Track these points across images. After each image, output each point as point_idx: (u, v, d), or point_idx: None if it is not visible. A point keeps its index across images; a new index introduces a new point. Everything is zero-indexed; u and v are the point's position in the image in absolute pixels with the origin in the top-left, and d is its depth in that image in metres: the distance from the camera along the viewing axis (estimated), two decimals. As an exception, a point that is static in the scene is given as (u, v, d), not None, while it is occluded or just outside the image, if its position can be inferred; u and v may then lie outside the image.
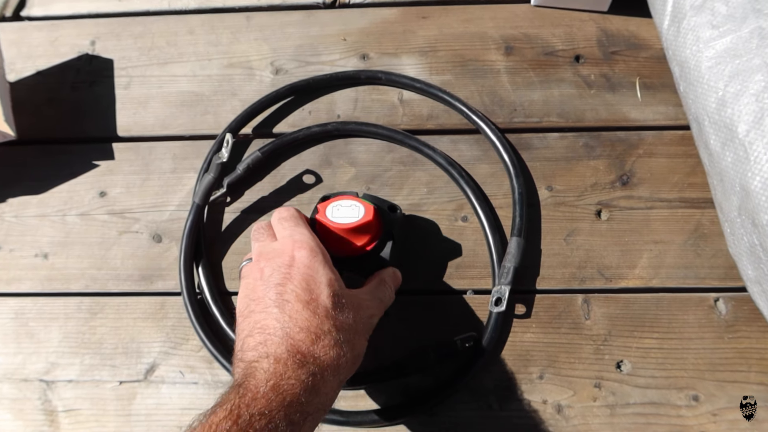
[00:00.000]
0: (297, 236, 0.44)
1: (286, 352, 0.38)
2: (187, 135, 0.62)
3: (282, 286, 0.41)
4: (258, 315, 0.41)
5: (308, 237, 0.45)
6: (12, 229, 0.59)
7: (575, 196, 0.57)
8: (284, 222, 0.47)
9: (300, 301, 0.40)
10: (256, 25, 0.67)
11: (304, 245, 0.43)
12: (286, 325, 0.39)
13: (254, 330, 0.40)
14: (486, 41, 0.65)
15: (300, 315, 0.40)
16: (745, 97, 0.49)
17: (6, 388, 0.54)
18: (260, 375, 0.37)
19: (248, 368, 0.38)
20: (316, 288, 0.41)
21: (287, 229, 0.46)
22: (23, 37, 0.68)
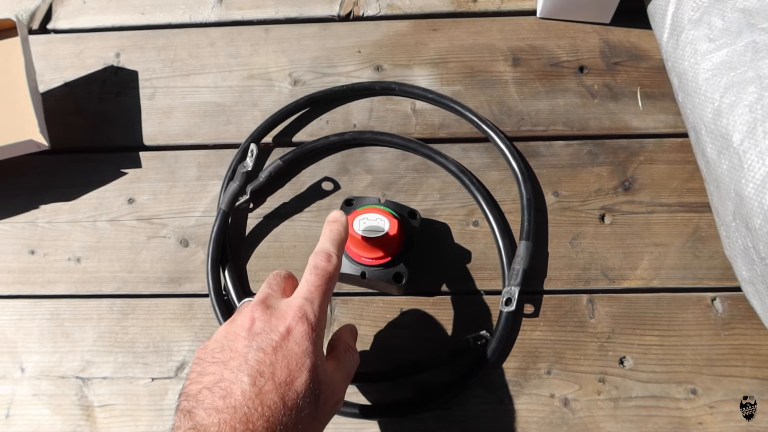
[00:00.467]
0: (307, 307, 0.42)
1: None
2: (210, 144, 0.65)
3: (264, 354, 0.39)
4: (227, 373, 0.39)
5: (315, 311, 0.42)
6: (46, 235, 0.63)
7: (580, 202, 0.61)
8: (314, 275, 0.44)
9: (274, 382, 0.38)
10: (274, 37, 0.70)
11: (306, 321, 0.41)
12: (250, 406, 0.37)
13: (216, 387, 0.38)
14: (494, 53, 0.68)
15: (268, 397, 0.37)
16: (739, 108, 0.53)
17: (44, 384, 0.57)
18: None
19: (196, 427, 0.37)
20: (296, 371, 0.39)
21: (305, 290, 0.43)
22: (51, 49, 0.71)
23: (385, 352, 0.56)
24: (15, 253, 0.62)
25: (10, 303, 0.60)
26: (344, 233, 0.47)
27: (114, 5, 0.73)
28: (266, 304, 0.42)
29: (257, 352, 0.39)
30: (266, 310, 0.42)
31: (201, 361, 0.41)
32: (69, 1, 0.74)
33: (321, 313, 0.42)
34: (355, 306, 0.58)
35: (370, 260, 0.54)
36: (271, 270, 0.60)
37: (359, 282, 0.56)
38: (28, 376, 0.57)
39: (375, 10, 0.71)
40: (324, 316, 0.43)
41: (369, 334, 0.57)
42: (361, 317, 0.57)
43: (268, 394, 0.38)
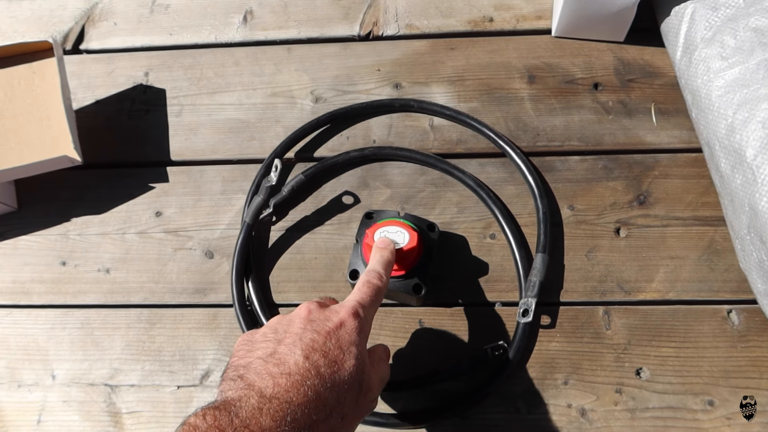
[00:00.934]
0: (358, 308, 0.45)
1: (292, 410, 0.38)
2: (235, 159, 0.68)
3: (318, 336, 0.42)
4: (281, 347, 0.41)
5: (366, 313, 0.45)
6: (76, 247, 0.65)
7: (595, 215, 0.62)
8: (366, 286, 0.47)
9: (326, 359, 0.41)
10: (296, 57, 0.73)
11: (357, 317, 0.44)
12: (303, 374, 0.39)
13: (269, 357, 0.40)
14: (510, 71, 0.69)
15: (319, 372, 0.40)
16: (752, 124, 0.54)
17: (74, 391, 0.59)
18: (259, 414, 0.37)
19: (251, 386, 0.38)
20: (347, 356, 0.42)
21: (357, 296, 0.46)
22: (83, 69, 0.74)
23: (405, 361, 0.57)
24: (47, 264, 0.64)
25: (43, 312, 0.62)
26: (392, 259, 0.51)
27: (143, 27, 0.76)
28: (321, 304, 0.46)
29: (312, 333, 0.42)
30: (321, 307, 0.45)
31: (249, 342, 0.43)
32: (101, 23, 0.77)
33: (369, 316, 0.46)
34: (375, 316, 0.59)
35: (391, 272, 0.55)
36: (293, 281, 0.61)
37: (379, 293, 0.57)
38: (59, 383, 0.59)
39: (394, 30, 0.73)
40: (370, 321, 0.46)
41: (388, 344, 0.58)
42: (381, 327, 0.59)
43: (320, 369, 0.40)
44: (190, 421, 0.36)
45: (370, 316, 0.46)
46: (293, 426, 0.37)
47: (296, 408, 0.38)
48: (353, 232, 0.62)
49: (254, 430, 0.36)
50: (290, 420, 0.37)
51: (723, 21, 0.60)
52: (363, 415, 0.45)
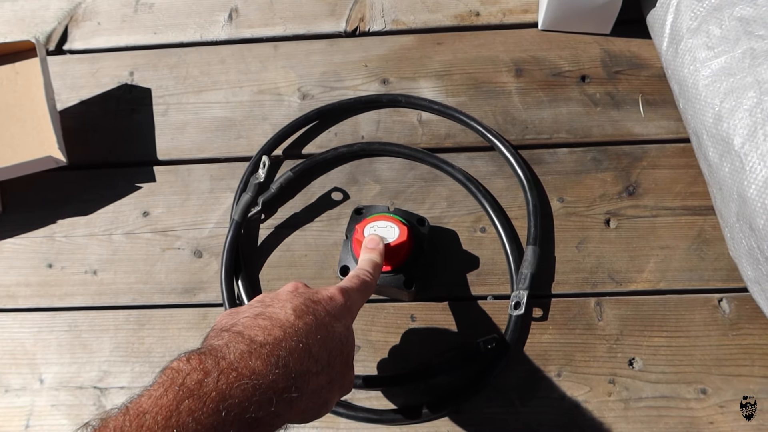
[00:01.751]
0: (346, 291, 0.44)
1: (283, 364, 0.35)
2: (222, 157, 0.67)
3: (307, 301, 0.40)
4: (269, 309, 0.39)
5: (353, 297, 0.44)
6: (63, 249, 0.64)
7: (585, 207, 0.62)
8: (353, 278, 0.46)
9: (316, 319, 0.39)
10: (282, 54, 0.72)
11: (345, 296, 0.43)
12: (295, 328, 0.37)
13: (258, 317, 0.38)
14: (497, 64, 0.69)
15: (311, 329, 0.38)
16: (739, 113, 0.54)
17: (63, 395, 0.58)
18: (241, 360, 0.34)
19: (241, 333, 0.36)
20: (336, 321, 0.41)
21: (344, 282, 0.45)
22: (67, 69, 0.73)
23: (397, 356, 0.57)
24: (33, 267, 0.64)
25: (29, 316, 0.62)
26: (381, 260, 0.50)
27: (127, 26, 0.75)
28: (307, 285, 0.45)
29: (301, 299, 0.40)
30: (308, 286, 0.44)
31: (234, 312, 0.40)
32: (84, 23, 0.76)
33: (356, 302, 0.44)
34: (366, 312, 0.59)
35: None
36: (283, 279, 0.61)
37: (370, 289, 0.57)
38: (47, 387, 0.58)
39: (380, 26, 0.73)
40: (357, 307, 0.45)
41: (380, 339, 0.58)
42: (373, 323, 0.58)
43: (310, 328, 0.38)
44: (173, 365, 0.33)
45: (357, 302, 0.45)
46: (285, 371, 0.34)
47: (289, 355, 0.35)
48: (343, 228, 0.61)
49: (243, 373, 0.33)
50: (282, 365, 0.34)
51: (708, 11, 0.60)
52: (345, 391, 0.43)
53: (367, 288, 0.47)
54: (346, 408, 0.55)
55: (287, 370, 0.35)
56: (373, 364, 0.57)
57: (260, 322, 0.37)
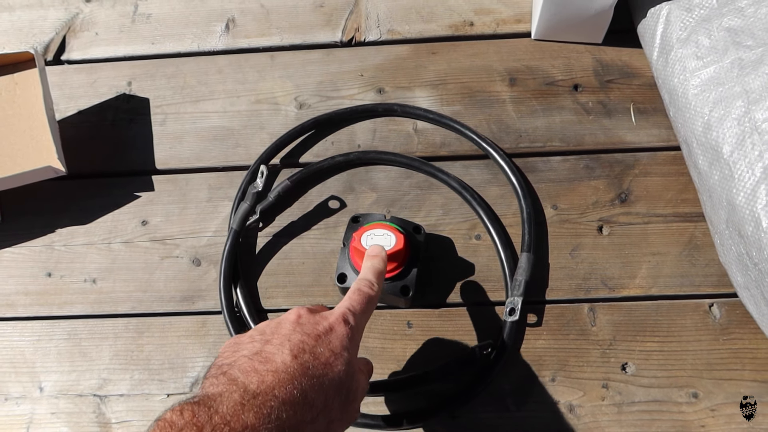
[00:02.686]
0: (349, 315, 0.44)
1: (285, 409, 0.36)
2: (220, 167, 0.68)
3: (307, 338, 0.41)
4: (269, 347, 0.40)
5: (356, 320, 0.44)
6: (62, 257, 0.65)
7: (578, 214, 0.63)
8: (356, 294, 0.46)
9: (315, 360, 0.40)
10: (279, 63, 0.73)
11: (347, 324, 0.43)
12: (290, 372, 0.38)
13: (255, 355, 0.39)
14: (491, 74, 0.70)
15: (308, 372, 0.39)
16: (728, 121, 0.55)
17: (63, 403, 0.58)
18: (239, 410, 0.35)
19: (234, 381, 0.37)
20: (336, 359, 0.41)
21: (347, 303, 0.45)
22: (65, 79, 0.74)
23: (394, 363, 0.58)
24: (32, 275, 0.64)
25: (29, 324, 0.62)
26: (384, 267, 0.50)
27: (125, 36, 0.76)
28: (311, 309, 0.45)
29: (301, 335, 0.41)
30: (311, 312, 0.44)
31: (236, 344, 0.41)
32: (82, 33, 0.77)
33: (360, 324, 0.45)
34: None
35: None
36: (281, 286, 0.62)
37: (367, 296, 0.58)
38: (46, 395, 0.59)
39: (376, 36, 0.74)
40: (361, 329, 0.45)
41: (377, 346, 0.58)
42: (370, 330, 0.59)
43: (308, 369, 0.39)
44: (166, 417, 0.33)
45: (361, 323, 0.45)
46: (278, 425, 0.35)
47: (282, 406, 0.36)
48: (340, 236, 0.62)
49: (235, 428, 0.33)
50: (275, 418, 0.35)
51: (697, 21, 0.61)
52: (348, 424, 0.43)
53: (370, 303, 0.47)
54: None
55: (280, 423, 0.35)
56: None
57: (256, 365, 0.38)
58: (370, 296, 0.47)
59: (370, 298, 0.47)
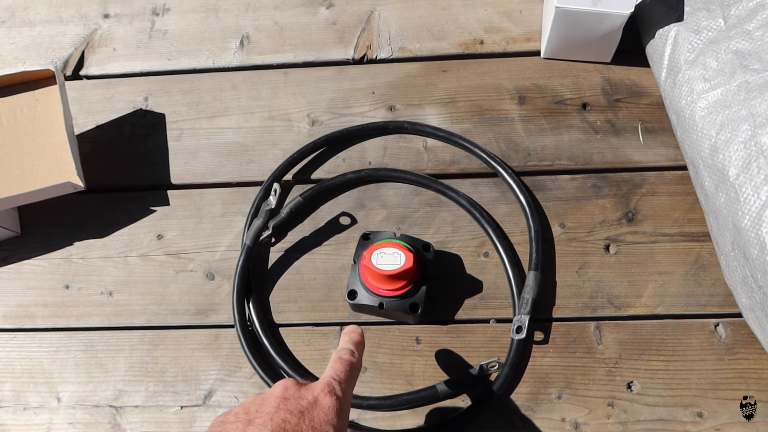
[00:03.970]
0: (335, 384, 0.44)
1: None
2: (234, 182, 0.69)
3: (290, 415, 0.41)
4: (251, 428, 0.40)
5: (342, 390, 0.44)
6: (80, 270, 0.66)
7: (586, 232, 0.64)
8: (338, 363, 0.47)
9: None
10: (292, 80, 0.74)
11: (333, 395, 0.43)
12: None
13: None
14: (501, 92, 0.71)
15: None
16: (734, 144, 0.56)
17: (79, 413, 0.60)
18: None
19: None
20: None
21: (331, 372, 0.46)
22: (83, 94, 0.76)
23: (402, 378, 0.59)
24: (51, 288, 0.66)
25: (47, 335, 0.64)
26: (362, 339, 0.51)
27: (142, 52, 0.78)
28: (297, 382, 0.45)
29: (285, 413, 0.41)
30: (298, 384, 0.44)
31: (221, 423, 0.42)
32: (100, 49, 0.79)
33: (347, 392, 0.45)
34: (373, 335, 0.61)
35: (388, 291, 0.57)
36: (293, 301, 0.63)
37: (377, 312, 0.59)
38: (64, 405, 0.60)
39: (387, 53, 0.75)
40: (349, 397, 0.45)
41: (386, 361, 0.60)
42: (379, 345, 0.60)
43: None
44: None
45: (348, 392, 0.45)
46: None
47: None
48: (351, 252, 0.63)
49: None
50: None
51: (705, 44, 0.62)
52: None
53: (353, 370, 0.47)
54: (352, 428, 0.56)
55: None
56: (379, 385, 0.59)
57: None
58: (353, 363, 0.47)
59: (353, 365, 0.47)
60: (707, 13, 0.63)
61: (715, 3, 0.63)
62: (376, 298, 0.57)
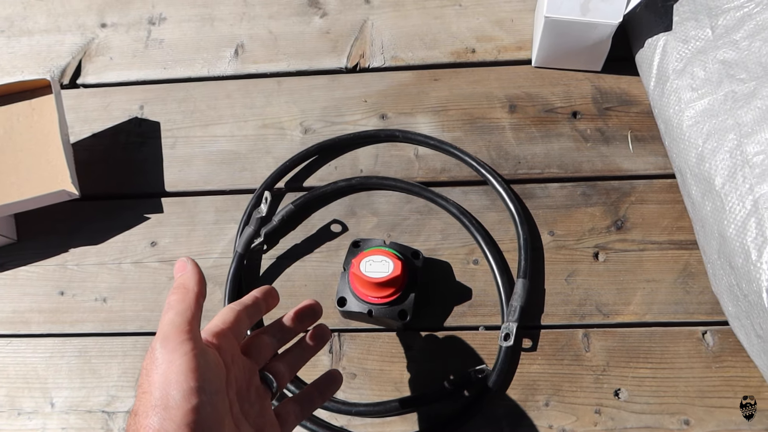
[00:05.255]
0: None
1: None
2: (227, 190, 0.70)
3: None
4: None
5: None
6: (74, 277, 0.67)
7: (575, 240, 0.64)
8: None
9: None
10: (286, 89, 0.75)
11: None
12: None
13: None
14: (492, 100, 0.72)
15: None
16: (720, 154, 0.56)
17: (72, 419, 0.61)
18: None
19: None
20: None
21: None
22: (80, 102, 0.77)
23: (391, 385, 0.59)
24: (46, 294, 0.67)
25: (42, 341, 0.65)
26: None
27: (138, 61, 0.79)
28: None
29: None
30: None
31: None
32: (97, 58, 0.79)
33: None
34: (362, 342, 0.61)
35: (377, 299, 0.57)
36: (283, 308, 0.63)
37: (367, 319, 0.60)
38: (57, 410, 0.61)
39: (380, 62, 0.76)
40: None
41: (376, 368, 0.60)
42: (369, 352, 0.61)
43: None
44: None
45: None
46: None
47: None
48: (341, 259, 0.64)
49: None
50: None
51: (693, 53, 0.62)
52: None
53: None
54: (342, 435, 0.57)
55: None
56: (368, 392, 0.59)
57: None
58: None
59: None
60: (695, 23, 0.63)
61: (704, 13, 0.63)
62: (366, 305, 0.58)
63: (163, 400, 0.35)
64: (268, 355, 0.46)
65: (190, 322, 0.39)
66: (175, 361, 0.36)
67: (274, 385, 0.45)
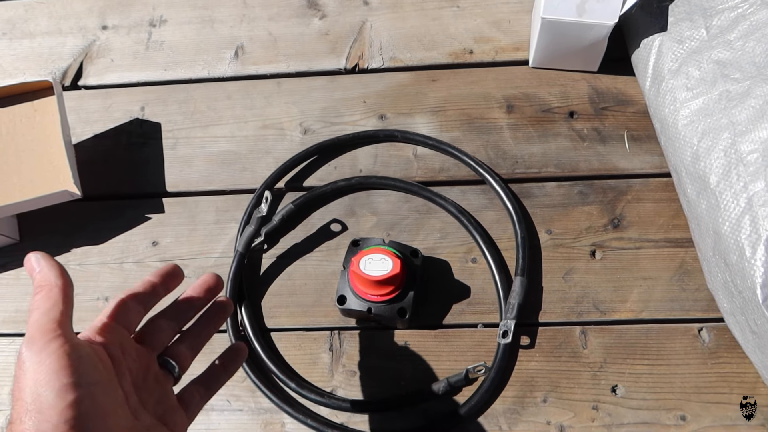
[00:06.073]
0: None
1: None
2: (228, 190, 0.71)
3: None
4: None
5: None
6: (76, 276, 0.67)
7: (572, 239, 0.65)
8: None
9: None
10: (286, 90, 0.76)
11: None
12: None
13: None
14: (489, 101, 0.73)
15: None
16: (715, 152, 0.57)
17: (75, 416, 0.61)
18: None
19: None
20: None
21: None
22: (81, 104, 0.77)
23: (390, 382, 0.60)
24: (48, 293, 0.67)
25: (44, 340, 0.65)
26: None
27: (139, 62, 0.79)
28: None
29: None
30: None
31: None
32: (98, 60, 0.80)
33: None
34: (362, 339, 0.62)
35: (376, 297, 0.58)
36: (284, 306, 0.64)
37: (366, 317, 0.60)
38: (60, 408, 0.62)
39: (379, 63, 0.76)
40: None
41: (375, 365, 0.61)
42: (368, 349, 0.61)
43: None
44: None
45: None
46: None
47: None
48: (341, 258, 0.65)
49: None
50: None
51: (688, 53, 0.63)
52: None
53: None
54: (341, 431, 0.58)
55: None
56: (368, 388, 0.60)
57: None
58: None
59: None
60: (690, 24, 0.64)
61: (698, 13, 0.64)
62: (365, 303, 0.58)
63: (35, 403, 0.33)
64: (166, 339, 0.45)
65: (57, 320, 0.36)
66: (44, 362, 0.34)
67: (176, 370, 0.44)
